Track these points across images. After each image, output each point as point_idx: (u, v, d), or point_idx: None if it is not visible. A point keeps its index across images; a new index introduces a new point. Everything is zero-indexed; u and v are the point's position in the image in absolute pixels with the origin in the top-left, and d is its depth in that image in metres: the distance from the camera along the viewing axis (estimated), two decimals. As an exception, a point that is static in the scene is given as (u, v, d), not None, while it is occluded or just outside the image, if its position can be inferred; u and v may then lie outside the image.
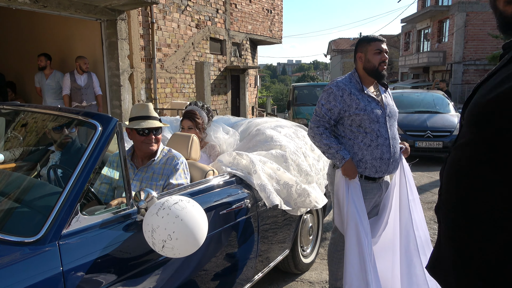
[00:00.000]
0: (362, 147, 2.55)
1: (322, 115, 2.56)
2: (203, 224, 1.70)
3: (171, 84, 9.19)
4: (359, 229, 2.47)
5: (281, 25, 15.23)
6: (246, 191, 2.53)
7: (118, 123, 1.79)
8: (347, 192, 2.51)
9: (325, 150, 2.55)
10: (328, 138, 2.53)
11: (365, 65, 2.58)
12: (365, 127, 2.53)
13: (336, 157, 2.51)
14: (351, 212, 2.50)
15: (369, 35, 2.62)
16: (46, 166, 2.67)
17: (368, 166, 2.55)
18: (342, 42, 44.26)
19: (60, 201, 1.53)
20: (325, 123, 2.56)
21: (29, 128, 2.66)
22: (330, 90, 2.54)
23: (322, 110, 2.55)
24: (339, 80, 2.60)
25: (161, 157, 2.42)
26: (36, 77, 6.57)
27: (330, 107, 2.53)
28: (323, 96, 2.57)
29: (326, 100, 2.55)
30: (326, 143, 2.52)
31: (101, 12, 6.44)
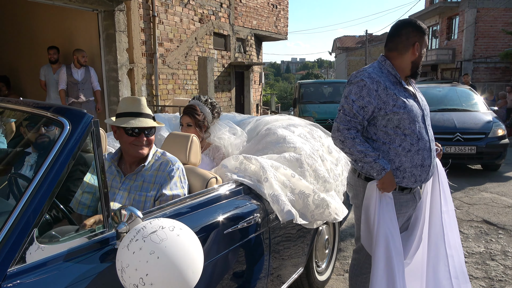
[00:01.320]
0: (400, 153, 2.10)
1: (353, 114, 2.06)
2: (192, 261, 1.26)
3: (173, 81, 8.79)
4: (390, 252, 2.05)
5: (286, 20, 14.80)
6: (255, 202, 2.12)
7: (94, 120, 1.38)
8: (379, 207, 2.09)
9: (359, 158, 2.05)
10: (363, 144, 2.05)
11: (417, 58, 2.13)
12: (404, 128, 2.08)
13: (374, 167, 2.04)
14: (382, 231, 2.08)
15: (421, 25, 2.14)
16: (19, 170, 2.27)
17: (406, 175, 2.12)
18: (347, 40, 43.66)
19: (8, 224, 1.12)
20: (357, 124, 2.07)
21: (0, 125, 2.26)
22: (362, 83, 2.05)
23: (353, 108, 2.05)
24: (370, 71, 2.11)
25: (153, 162, 2.00)
26: (43, 70, 6.28)
27: (363, 104, 2.04)
28: (352, 90, 2.07)
29: (357, 95, 2.05)
30: (360, 150, 2.03)
31: (97, 2, 6.04)
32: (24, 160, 2.27)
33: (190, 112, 2.75)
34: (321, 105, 11.60)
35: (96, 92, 6.17)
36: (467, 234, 4.22)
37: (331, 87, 12.76)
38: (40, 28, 7.09)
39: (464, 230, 4.33)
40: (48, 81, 6.30)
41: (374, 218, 2.10)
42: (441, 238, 2.32)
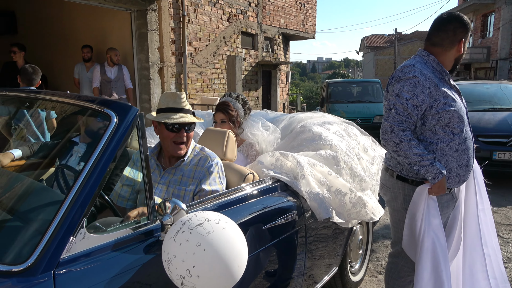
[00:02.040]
0: (447, 153, 2.01)
1: (408, 113, 1.93)
2: (238, 255, 1.25)
3: (202, 79, 8.87)
4: (437, 257, 1.97)
5: (314, 19, 14.68)
6: (292, 199, 2.10)
7: (139, 114, 1.40)
8: (428, 211, 2.01)
9: (415, 161, 1.94)
10: (419, 146, 1.94)
11: (460, 54, 2.05)
12: (453, 127, 1.99)
13: (430, 171, 1.93)
14: (428, 236, 2.00)
15: (468, 20, 2.03)
16: (66, 162, 2.34)
17: (452, 176, 2.03)
18: (376, 39, 42.88)
19: (60, 214, 1.15)
20: (411, 125, 1.95)
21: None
22: (416, 80, 1.93)
23: (408, 107, 1.92)
24: (419, 66, 1.99)
25: (192, 157, 2.01)
26: (76, 68, 6.47)
27: (417, 103, 1.92)
28: (404, 88, 1.94)
29: (411, 93, 1.92)
30: (417, 153, 1.91)
31: (131, 2, 6.16)
32: (71, 151, 2.34)
33: (224, 109, 2.75)
34: (349, 105, 11.42)
35: (128, 90, 6.29)
36: (506, 239, 4.04)
37: (359, 87, 12.55)
38: (74, 28, 7.30)
39: (504, 234, 4.15)
40: (81, 79, 6.47)
41: (421, 223, 2.02)
42: (477, 237, 2.22)
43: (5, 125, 2.53)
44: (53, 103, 1.91)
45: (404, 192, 2.16)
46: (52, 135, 2.66)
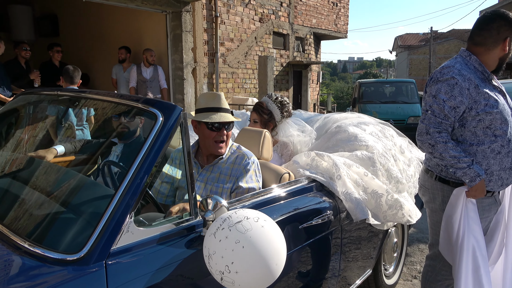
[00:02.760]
0: (488, 155, 1.96)
1: (444, 115, 1.90)
2: (276, 253, 1.27)
3: (233, 79, 8.96)
4: (477, 262, 1.92)
5: (346, 18, 14.48)
6: (327, 199, 2.09)
7: (183, 113, 1.45)
8: (465, 215, 1.96)
9: (451, 164, 1.91)
10: (455, 148, 1.91)
11: (506, 53, 1.98)
12: (494, 129, 1.93)
13: (467, 173, 1.90)
14: (467, 240, 1.95)
15: None
16: (103, 161, 2.44)
17: (493, 179, 1.97)
18: (410, 38, 41.77)
19: (111, 208, 1.21)
20: (448, 126, 1.93)
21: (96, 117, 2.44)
22: (454, 81, 1.90)
23: (444, 109, 1.90)
24: (458, 67, 1.95)
25: (229, 155, 2.05)
26: (114, 69, 6.71)
27: (455, 104, 1.89)
28: (441, 89, 1.91)
29: (448, 95, 1.89)
30: (454, 155, 1.88)
31: (166, 4, 6.32)
32: (110, 150, 2.44)
33: (257, 109, 2.77)
34: (382, 105, 11.20)
35: (163, 90, 6.46)
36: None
37: (393, 87, 12.28)
38: (112, 30, 7.56)
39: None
40: (118, 79, 6.70)
41: (459, 226, 1.98)
42: None
43: (52, 123, 2.67)
44: (98, 102, 2.00)
45: (442, 193, 2.13)
46: (93, 133, 2.78)
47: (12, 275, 1.14)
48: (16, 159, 1.97)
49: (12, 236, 1.24)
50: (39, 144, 2.39)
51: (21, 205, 1.44)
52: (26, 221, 1.35)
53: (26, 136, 2.35)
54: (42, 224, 1.33)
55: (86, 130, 3.42)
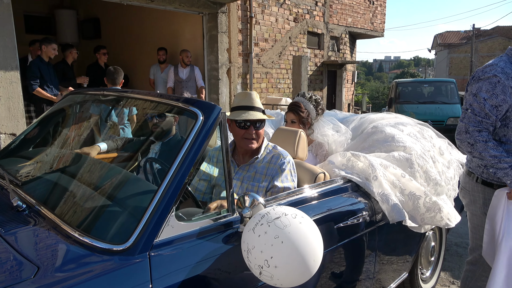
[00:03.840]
0: None
1: (485, 114, 1.85)
2: (314, 249, 1.29)
3: (267, 79, 9.00)
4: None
5: (383, 17, 14.16)
6: (363, 200, 2.08)
7: (222, 112, 1.49)
8: (507, 217, 1.89)
9: (491, 164, 1.86)
10: (496, 148, 1.85)
11: None
12: None
13: (509, 174, 1.84)
14: (506, 242, 1.88)
15: None
16: (146, 157, 2.54)
17: None
18: (450, 36, 40.18)
19: (154, 202, 1.27)
20: (489, 125, 1.88)
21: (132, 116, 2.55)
22: (496, 79, 1.84)
23: (485, 107, 1.85)
24: (502, 65, 1.89)
25: (265, 155, 2.08)
26: (152, 69, 6.93)
27: (497, 103, 1.84)
28: (482, 87, 1.86)
29: (490, 93, 1.84)
30: (494, 155, 1.83)
31: (203, 6, 6.45)
32: (149, 148, 2.54)
33: (294, 109, 2.78)
34: (420, 106, 10.87)
35: (200, 89, 6.59)
36: None
37: (431, 87, 11.88)
38: (150, 31, 7.81)
39: None
40: (156, 80, 6.92)
41: (500, 229, 1.91)
42: None
43: (96, 121, 2.81)
44: (139, 102, 2.09)
45: (484, 195, 2.08)
46: (135, 131, 2.90)
47: (63, 262, 1.23)
48: (64, 155, 2.10)
49: (63, 225, 1.33)
50: (84, 141, 2.52)
51: (70, 197, 1.54)
52: (76, 212, 1.44)
53: (72, 133, 2.49)
54: (90, 215, 1.42)
55: (128, 129, 3.56)
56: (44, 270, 1.13)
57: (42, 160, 2.05)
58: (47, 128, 2.41)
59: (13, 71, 4.45)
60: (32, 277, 1.09)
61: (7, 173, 1.70)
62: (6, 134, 4.54)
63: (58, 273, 1.15)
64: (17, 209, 1.44)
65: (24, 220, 1.40)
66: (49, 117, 2.39)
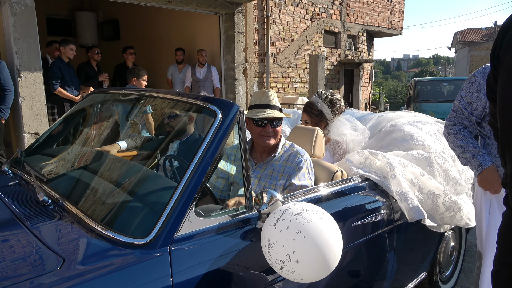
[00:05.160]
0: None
1: (460, 110, 2.04)
2: (334, 245, 1.30)
3: (283, 79, 8.99)
4: None
5: (402, 14, 13.96)
6: (381, 199, 2.07)
7: (240, 110, 1.51)
8: (488, 210, 1.94)
9: (458, 154, 2.05)
10: (465, 139, 2.00)
11: None
12: None
13: (471, 163, 1.98)
14: (491, 237, 1.89)
15: None
16: (165, 155, 2.58)
17: None
18: (471, 33, 39.28)
19: (174, 198, 1.30)
20: (463, 120, 2.04)
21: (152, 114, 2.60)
22: (473, 79, 2.01)
23: (460, 104, 2.04)
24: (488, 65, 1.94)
25: (283, 153, 2.09)
26: (170, 69, 7.02)
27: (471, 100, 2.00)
28: (464, 86, 2.04)
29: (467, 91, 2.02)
30: (460, 145, 1.99)
31: (220, 6, 6.50)
32: (167, 146, 2.58)
33: (307, 110, 2.75)
34: (439, 105, 10.66)
35: (216, 89, 6.65)
36: None
37: (451, 85, 11.64)
38: (167, 32, 7.91)
39: None
40: (174, 80, 7.00)
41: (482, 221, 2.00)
42: None
43: (116, 120, 2.87)
44: (158, 100, 2.13)
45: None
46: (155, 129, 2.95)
47: (87, 255, 1.27)
48: (86, 153, 2.16)
49: (86, 219, 1.37)
50: (105, 139, 2.59)
51: (93, 192, 1.58)
52: (98, 207, 1.48)
53: (93, 132, 2.56)
54: (112, 210, 1.46)
55: (145, 127, 3.62)
56: (69, 262, 1.17)
57: (64, 158, 2.11)
58: (69, 127, 2.48)
59: (37, 72, 4.59)
60: (58, 268, 1.14)
61: (33, 170, 1.77)
62: (29, 133, 4.68)
63: (82, 265, 1.19)
64: (43, 203, 1.50)
65: (49, 215, 1.45)
66: (71, 117, 2.46)
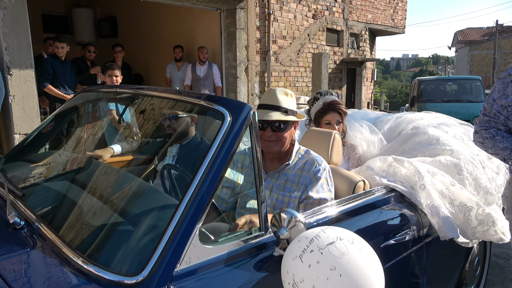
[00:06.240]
0: None
1: (494, 114, 1.78)
2: (376, 283, 1.05)
3: (285, 78, 8.74)
4: None
5: (404, 13, 13.72)
6: (409, 213, 1.82)
7: (253, 112, 1.25)
8: None
9: (506, 156, 1.76)
10: (506, 140, 1.74)
11: None
12: None
13: None
14: None
15: None
16: (163, 161, 2.32)
17: None
18: (472, 32, 39.03)
19: (174, 222, 1.04)
20: (498, 125, 1.79)
21: (147, 115, 2.34)
22: (509, 79, 1.72)
23: (493, 108, 1.78)
24: None
25: (297, 160, 1.82)
26: (168, 68, 6.74)
27: (507, 103, 1.73)
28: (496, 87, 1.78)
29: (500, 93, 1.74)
30: (504, 147, 1.74)
31: (221, 1, 6.24)
32: (166, 150, 2.32)
33: (339, 108, 2.41)
34: (444, 104, 10.44)
35: (217, 88, 6.39)
36: None
37: (455, 84, 11.42)
38: (166, 29, 7.64)
39: None
40: (173, 78, 6.73)
41: None
42: None
43: (110, 121, 2.61)
44: (156, 100, 1.87)
45: None
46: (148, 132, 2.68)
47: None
48: (73, 161, 1.90)
49: (64, 248, 1.11)
50: (97, 143, 2.33)
51: (76, 212, 1.32)
52: (81, 232, 1.22)
53: (84, 134, 2.30)
54: (98, 237, 1.19)
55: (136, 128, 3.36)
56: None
57: (48, 166, 1.85)
58: (56, 129, 2.22)
59: (28, 70, 4.32)
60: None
61: (8, 182, 1.50)
62: (20, 134, 4.42)
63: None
64: (14, 226, 1.23)
65: (20, 241, 1.19)
66: (59, 117, 2.19)
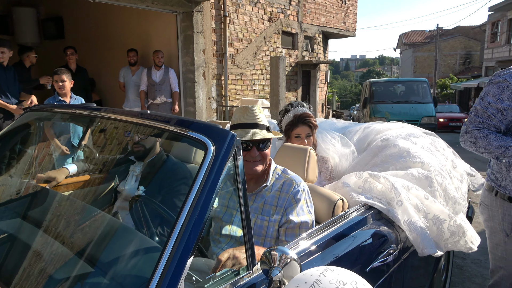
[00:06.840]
0: None
1: (487, 116, 1.80)
2: None
3: (242, 81, 8.67)
4: None
5: (355, 16, 14.18)
6: (387, 230, 1.80)
7: (237, 139, 1.15)
8: None
9: (500, 154, 1.77)
10: (499, 138, 1.76)
11: None
12: None
13: None
14: None
15: None
16: (124, 181, 2.14)
17: None
18: (415, 35, 41.30)
19: (157, 276, 0.90)
20: (490, 127, 1.81)
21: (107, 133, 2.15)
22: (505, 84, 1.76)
23: (487, 110, 1.80)
24: None
25: (274, 181, 1.74)
26: (122, 72, 6.36)
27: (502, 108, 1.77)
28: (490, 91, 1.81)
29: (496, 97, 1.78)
30: (499, 145, 1.75)
31: (177, 4, 6.02)
32: (127, 170, 2.15)
33: (310, 122, 2.34)
34: (394, 105, 10.89)
35: (174, 93, 6.15)
36: None
37: (404, 86, 11.97)
38: (119, 32, 7.26)
39: None
40: (127, 83, 6.38)
41: None
42: None
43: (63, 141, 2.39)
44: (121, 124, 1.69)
45: (502, 210, 1.92)
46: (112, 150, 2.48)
47: None
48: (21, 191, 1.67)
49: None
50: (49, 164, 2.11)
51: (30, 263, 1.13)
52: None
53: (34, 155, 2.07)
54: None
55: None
56: None
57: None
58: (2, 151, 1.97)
59: (-38, 77, 3.89)
60: None
61: None
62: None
63: None
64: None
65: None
66: (3, 140, 1.94)
